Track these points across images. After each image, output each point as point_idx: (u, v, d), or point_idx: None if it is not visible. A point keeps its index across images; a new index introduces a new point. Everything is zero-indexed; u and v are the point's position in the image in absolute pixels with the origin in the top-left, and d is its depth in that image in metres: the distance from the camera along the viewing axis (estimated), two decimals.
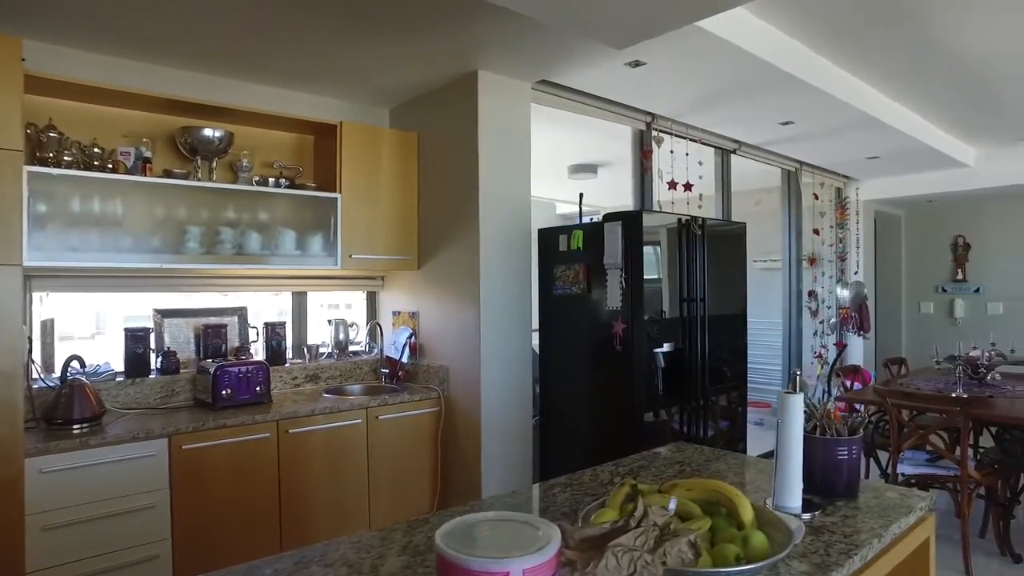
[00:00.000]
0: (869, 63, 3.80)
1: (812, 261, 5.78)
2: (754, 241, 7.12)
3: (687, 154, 4.32)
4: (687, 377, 3.26)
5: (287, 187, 3.36)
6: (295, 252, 3.35)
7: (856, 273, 6.44)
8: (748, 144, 5.05)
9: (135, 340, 3.08)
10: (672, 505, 1.07)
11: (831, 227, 6.15)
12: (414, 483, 3.41)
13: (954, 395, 3.75)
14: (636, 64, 3.22)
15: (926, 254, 7.51)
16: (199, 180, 3.12)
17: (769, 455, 1.72)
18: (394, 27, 2.77)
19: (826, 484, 1.66)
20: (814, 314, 5.74)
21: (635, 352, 3.02)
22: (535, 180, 3.62)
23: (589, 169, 6.01)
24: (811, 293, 5.75)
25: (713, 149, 5.01)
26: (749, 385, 7.53)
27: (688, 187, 4.28)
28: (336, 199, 3.41)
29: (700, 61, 3.26)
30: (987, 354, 4.18)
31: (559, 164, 6.08)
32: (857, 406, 4.29)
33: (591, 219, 3.28)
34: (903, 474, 3.55)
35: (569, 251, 3.31)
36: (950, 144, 5.48)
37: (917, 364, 5.71)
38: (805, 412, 1.72)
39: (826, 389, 4.62)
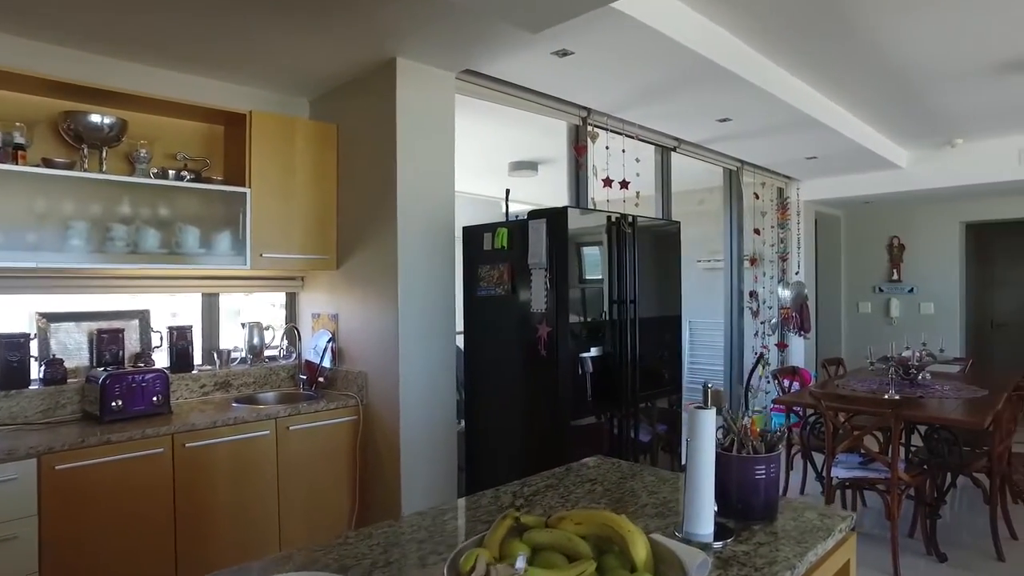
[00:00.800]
0: (806, 62, 3.74)
1: (753, 261, 5.75)
2: (698, 241, 7.16)
3: (623, 151, 4.20)
4: (618, 382, 3.12)
5: (191, 180, 3.10)
6: (199, 251, 3.09)
7: (797, 273, 6.46)
8: (688, 142, 4.97)
9: (9, 347, 2.78)
10: (520, 564, 0.90)
11: (772, 227, 6.15)
12: (330, 499, 3.19)
13: (886, 396, 3.71)
14: (563, 54, 3.06)
15: (864, 254, 7.61)
16: (86, 171, 2.83)
17: None
18: (303, 7, 2.55)
19: (743, 506, 1.52)
20: (755, 314, 5.72)
21: (560, 357, 2.86)
22: (474, 177, 3.46)
23: (529, 166, 5.86)
24: (752, 293, 5.72)
25: (653, 147, 4.92)
26: (690, 386, 7.57)
27: (624, 185, 4.16)
28: (245, 194, 3.16)
29: (632, 53, 3.13)
30: (918, 354, 4.17)
31: (499, 161, 5.92)
32: (796, 409, 4.24)
33: (516, 216, 3.11)
34: (837, 478, 3.50)
35: (493, 250, 3.14)
36: (884, 146, 5.52)
37: (856, 364, 5.74)
38: (723, 427, 1.59)
39: (755, 391, 4.54)
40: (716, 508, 1.48)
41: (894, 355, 3.86)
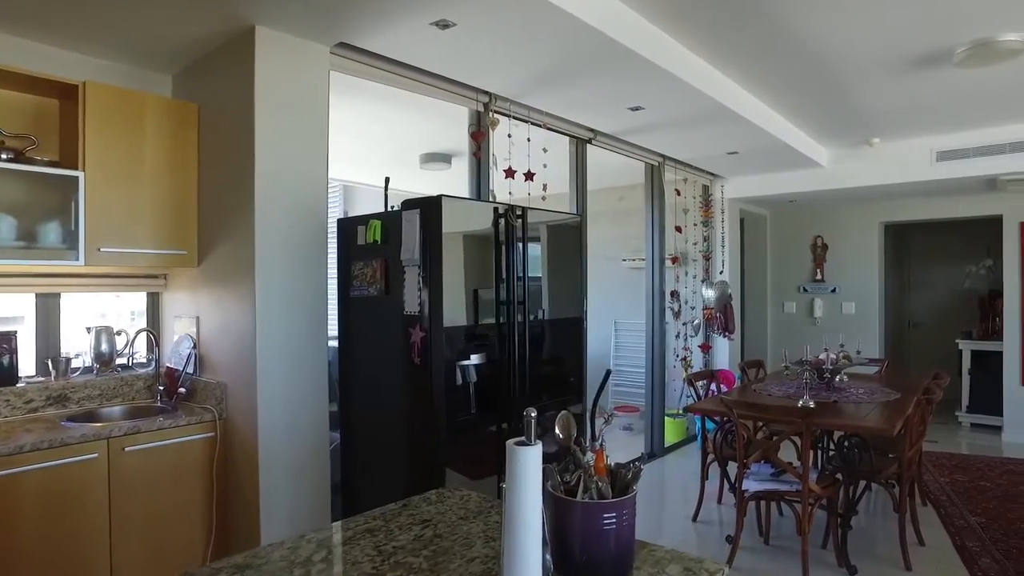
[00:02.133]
0: (722, 51, 3.54)
1: (675, 260, 5.56)
2: (623, 239, 6.97)
3: (528, 139, 3.91)
4: (507, 392, 2.82)
5: (9, 160, 2.65)
6: (16, 243, 2.64)
7: (721, 273, 6.32)
8: (604, 133, 4.72)
9: None
10: None
11: (695, 225, 5.98)
12: (179, 528, 2.78)
13: (800, 403, 3.54)
14: (444, 25, 2.73)
15: (789, 254, 7.57)
16: None
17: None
18: None
19: (589, 563, 1.21)
20: (676, 315, 5.53)
21: (434, 364, 2.54)
22: (384, 169, 3.10)
23: (442, 159, 5.52)
24: (673, 293, 5.53)
25: (568, 138, 4.65)
26: (619, 389, 7.39)
27: (529, 176, 3.87)
28: (77, 178, 2.72)
29: (526, 28, 2.82)
30: (833, 356, 4.03)
31: (412, 153, 5.56)
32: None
33: (392, 207, 2.77)
34: (747, 491, 3.29)
35: (367, 245, 2.79)
36: (806, 144, 5.41)
37: (781, 365, 5.62)
38: (570, 464, 1.29)
39: (610, 416, 4.33)
40: (552, 567, 1.18)
41: (809, 358, 3.69)
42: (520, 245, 2.84)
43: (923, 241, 8.41)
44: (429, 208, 2.54)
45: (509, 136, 3.83)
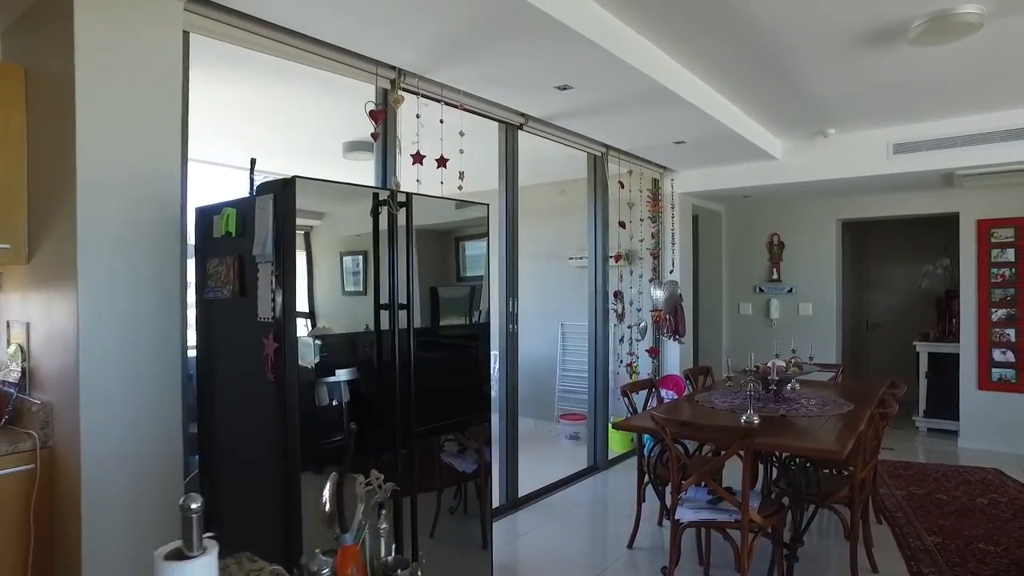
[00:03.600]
0: (663, 28, 3.18)
1: (618, 258, 5.16)
2: (568, 236, 6.54)
3: (441, 121, 3.46)
4: (388, 414, 2.37)
5: None
6: None
7: (671, 272, 5.95)
8: (535, 118, 4.29)
9: None
10: None
11: (641, 220, 5.59)
12: None
13: (744, 418, 3.15)
14: None
15: (745, 253, 7.25)
16: None
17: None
18: None
19: None
20: (620, 317, 5.13)
21: (288, 382, 2.08)
22: (302, 160, 2.62)
23: (367, 147, 5.03)
24: (617, 294, 5.13)
25: (497, 124, 4.22)
26: (567, 396, 6.99)
27: (442, 163, 3.43)
28: None
29: None
30: (782, 364, 3.66)
31: (334, 141, 5.08)
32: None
33: (252, 193, 2.30)
34: (680, 520, 2.89)
35: (222, 238, 2.32)
36: (758, 134, 5.06)
37: (746, 364, 5.25)
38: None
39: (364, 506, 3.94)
40: None
41: (753, 367, 3.31)
42: (407, 238, 2.38)
43: (881, 239, 8.18)
44: (283, 192, 2.08)
45: (418, 117, 3.38)
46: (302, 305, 2.13)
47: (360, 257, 2.30)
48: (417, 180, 3.30)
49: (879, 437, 3.21)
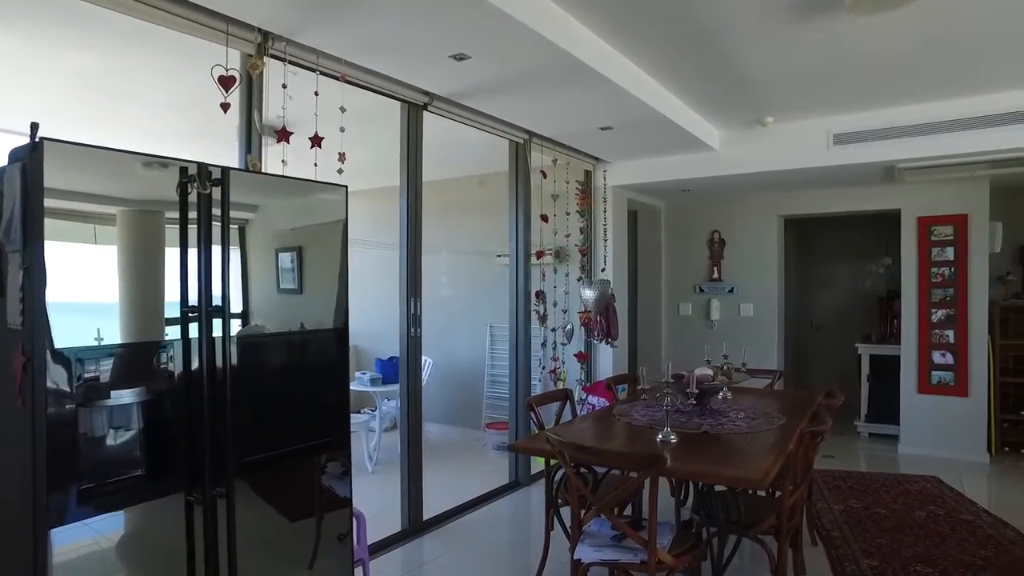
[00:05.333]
0: None
1: (539, 254, 4.73)
2: (495, 232, 6.05)
3: (316, 94, 2.96)
4: (196, 445, 1.87)
5: None
6: None
7: (603, 270, 5.55)
8: (440, 97, 3.83)
9: None
10: None
11: (568, 214, 5.18)
12: None
13: (660, 436, 2.75)
14: None
15: (685, 251, 6.92)
16: None
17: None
18: None
19: None
20: (543, 319, 4.70)
21: (36, 408, 1.56)
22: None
23: (270, 132, 4.49)
24: (539, 294, 4.70)
25: (399, 104, 3.74)
26: (495, 403, 6.55)
27: (317, 141, 2.94)
28: None
29: None
30: (706, 373, 3.28)
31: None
32: None
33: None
34: (580, 561, 2.46)
35: None
36: (693, 121, 4.70)
37: (678, 369, 4.87)
38: None
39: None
40: None
41: (670, 377, 2.90)
42: (219, 225, 1.89)
43: (825, 237, 7.97)
44: (32, 160, 1.57)
45: (284, 87, 2.88)
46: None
47: (156, 246, 1.80)
48: (282, 161, 2.79)
49: (810, 457, 2.84)
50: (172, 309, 1.81)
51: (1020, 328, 5.84)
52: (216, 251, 1.87)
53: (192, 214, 1.84)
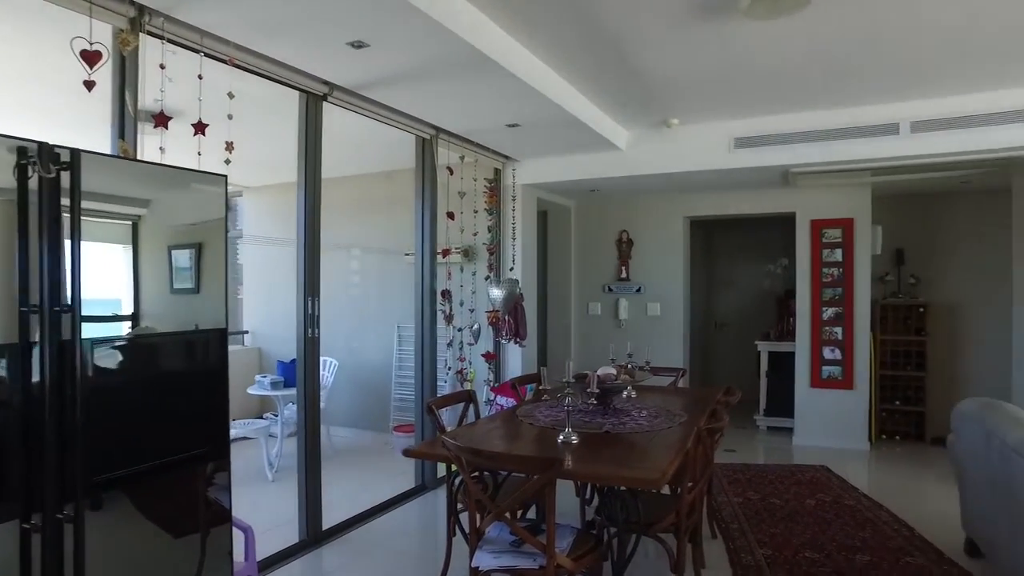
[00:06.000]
0: None
1: (445, 253, 4.63)
2: (403, 231, 5.85)
3: (200, 77, 2.75)
4: (31, 466, 1.66)
5: None
6: None
7: (512, 269, 5.51)
8: (342, 88, 3.67)
9: None
10: None
11: (476, 213, 5.10)
12: None
13: (561, 437, 2.72)
14: None
15: (594, 251, 6.99)
16: None
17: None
18: None
19: None
20: (448, 319, 4.60)
21: None
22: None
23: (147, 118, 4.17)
24: (444, 293, 4.60)
25: (298, 93, 3.55)
26: (401, 403, 6.39)
27: (200, 128, 2.72)
28: None
29: None
30: (609, 372, 3.28)
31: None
32: None
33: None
34: (478, 568, 2.38)
35: None
36: (601, 121, 4.72)
37: (587, 368, 4.88)
38: None
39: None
40: None
41: (571, 377, 2.86)
42: (68, 214, 1.69)
43: (729, 238, 8.28)
44: None
45: (162, 67, 2.65)
46: None
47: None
48: (160, 149, 2.56)
49: (708, 455, 2.88)
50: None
51: (897, 325, 6.25)
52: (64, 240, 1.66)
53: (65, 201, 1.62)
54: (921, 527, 3.90)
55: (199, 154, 2.70)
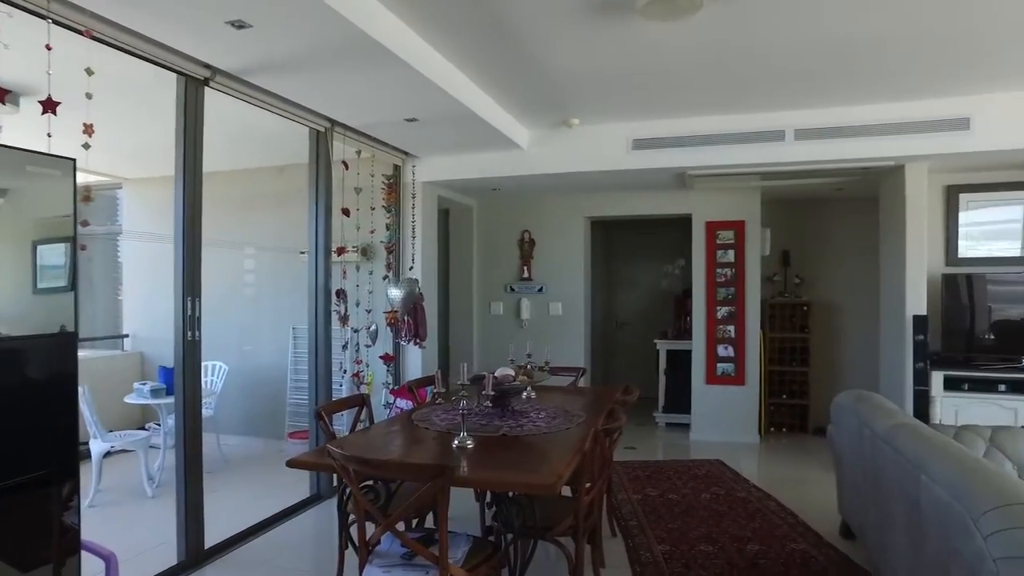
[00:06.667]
0: None
1: (340, 251, 4.43)
2: (295, 227, 5.56)
3: (49, 48, 2.45)
4: None
5: None
6: None
7: (411, 269, 5.37)
8: (226, 73, 3.41)
9: None
10: None
11: (373, 210, 4.93)
12: None
13: (456, 441, 2.62)
14: None
15: (497, 250, 6.94)
16: None
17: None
18: None
19: None
20: (343, 320, 4.40)
21: None
22: None
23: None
24: (339, 293, 4.40)
25: (176, 76, 3.27)
26: (298, 408, 6.10)
27: (50, 106, 2.43)
28: None
29: None
30: (507, 373, 3.22)
31: None
32: None
33: None
34: None
35: None
36: (501, 118, 4.67)
37: (488, 369, 4.79)
38: None
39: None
40: None
41: (465, 378, 2.78)
42: None
43: (630, 239, 8.45)
44: None
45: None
46: None
47: None
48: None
49: (606, 455, 2.87)
50: None
51: (784, 322, 6.58)
52: None
53: None
54: (804, 514, 4.10)
55: (49, 135, 2.40)
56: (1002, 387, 4.71)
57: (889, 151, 4.56)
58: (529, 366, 3.68)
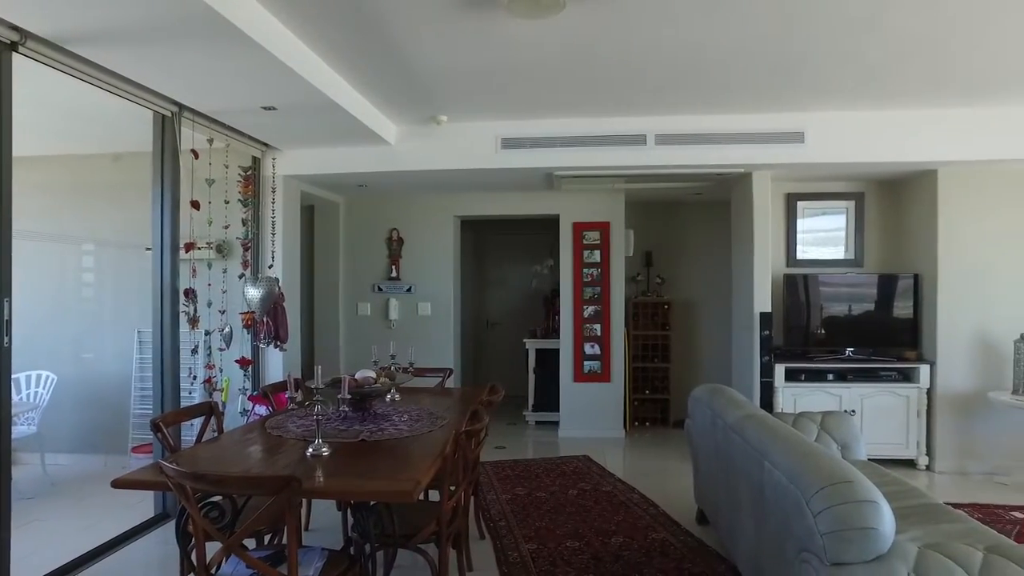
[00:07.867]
0: None
1: (189, 247, 4.07)
2: (141, 221, 5.06)
3: None
4: None
5: None
6: None
7: (271, 267, 5.06)
8: (40, 38, 3.00)
9: None
10: None
11: (227, 203, 4.58)
12: None
13: (311, 449, 2.46)
14: None
15: (364, 249, 6.72)
16: None
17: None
18: None
19: None
20: (193, 322, 4.05)
21: None
22: None
23: None
24: (188, 292, 4.04)
25: None
26: (143, 420, 5.55)
27: None
28: None
29: None
30: (367, 376, 3.09)
31: None
32: None
33: None
34: None
35: None
36: (367, 111, 4.49)
37: (353, 371, 4.57)
38: None
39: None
40: None
41: (319, 382, 2.62)
42: None
43: (499, 239, 8.50)
44: None
45: None
46: None
47: None
48: None
49: (469, 457, 2.81)
50: None
51: (647, 321, 6.88)
52: None
53: None
54: (664, 504, 4.28)
55: None
56: (830, 376, 5.21)
57: (737, 159, 4.88)
58: (392, 367, 3.56)
